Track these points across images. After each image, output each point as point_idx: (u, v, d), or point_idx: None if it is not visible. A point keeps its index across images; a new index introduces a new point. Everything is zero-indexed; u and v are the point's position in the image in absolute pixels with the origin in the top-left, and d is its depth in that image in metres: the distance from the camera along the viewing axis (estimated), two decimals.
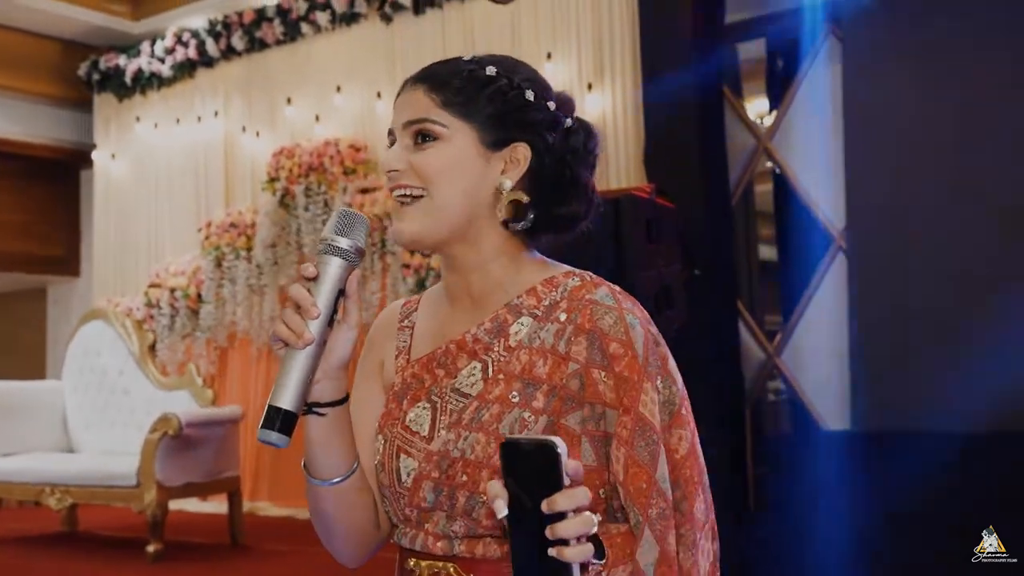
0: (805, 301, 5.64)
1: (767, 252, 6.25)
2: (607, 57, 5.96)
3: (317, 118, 7.20)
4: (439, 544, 1.32)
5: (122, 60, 8.20)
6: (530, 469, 1.12)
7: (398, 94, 1.43)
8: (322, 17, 7.09)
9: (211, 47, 7.66)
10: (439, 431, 1.35)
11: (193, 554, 5.38)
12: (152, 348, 6.27)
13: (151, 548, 5.13)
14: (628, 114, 5.85)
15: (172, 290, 7.61)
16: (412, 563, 1.36)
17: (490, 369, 1.35)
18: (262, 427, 1.22)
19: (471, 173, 1.36)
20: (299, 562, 5.17)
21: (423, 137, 1.36)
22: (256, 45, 7.48)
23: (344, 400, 1.35)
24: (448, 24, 6.61)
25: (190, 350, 7.57)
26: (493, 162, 1.37)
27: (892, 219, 5.04)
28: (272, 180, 7.20)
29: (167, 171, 8.06)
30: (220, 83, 7.77)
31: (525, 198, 1.36)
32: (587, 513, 1.11)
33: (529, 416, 1.29)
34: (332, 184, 6.92)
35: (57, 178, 8.94)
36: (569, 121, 1.42)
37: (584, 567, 1.16)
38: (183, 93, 7.99)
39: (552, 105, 1.41)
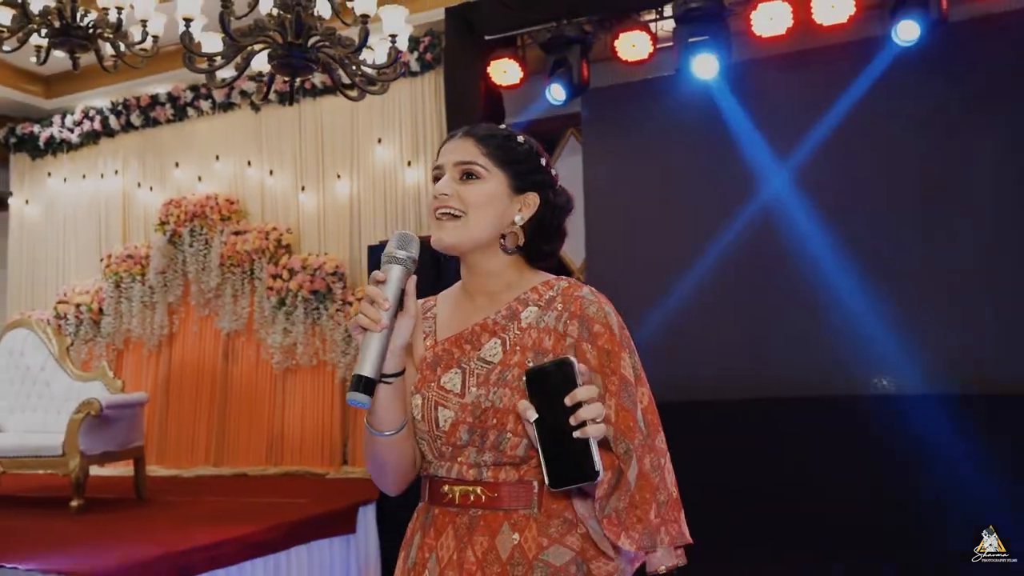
0: None
1: None
2: (421, 142, 6.14)
3: (199, 178, 7.04)
4: (471, 472, 1.32)
5: (36, 128, 7.69)
6: (552, 382, 1.17)
7: (446, 141, 1.44)
8: (204, 104, 6.98)
9: (113, 122, 7.34)
10: (470, 388, 1.33)
11: (108, 507, 5.16)
12: (68, 349, 5.96)
13: (74, 503, 4.92)
14: None
15: (77, 305, 7.25)
16: (447, 488, 1.35)
17: (508, 343, 1.35)
18: (352, 390, 1.22)
19: (499, 207, 1.38)
20: (193, 509, 5.09)
21: (468, 175, 1.37)
22: (150, 122, 7.23)
23: (403, 372, 1.34)
24: (303, 114, 6.61)
25: (91, 352, 7.23)
26: (514, 202, 1.40)
27: (618, 258, 5.50)
28: (163, 223, 7.01)
29: (73, 215, 7.62)
30: (120, 149, 7.44)
31: (522, 238, 1.40)
32: (599, 403, 1.18)
33: None
34: (212, 227, 6.80)
35: None
36: (559, 186, 1.47)
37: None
38: (88, 156, 7.58)
39: (554, 173, 1.47)
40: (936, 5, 4.62)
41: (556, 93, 5.35)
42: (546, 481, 1.19)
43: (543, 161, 1.44)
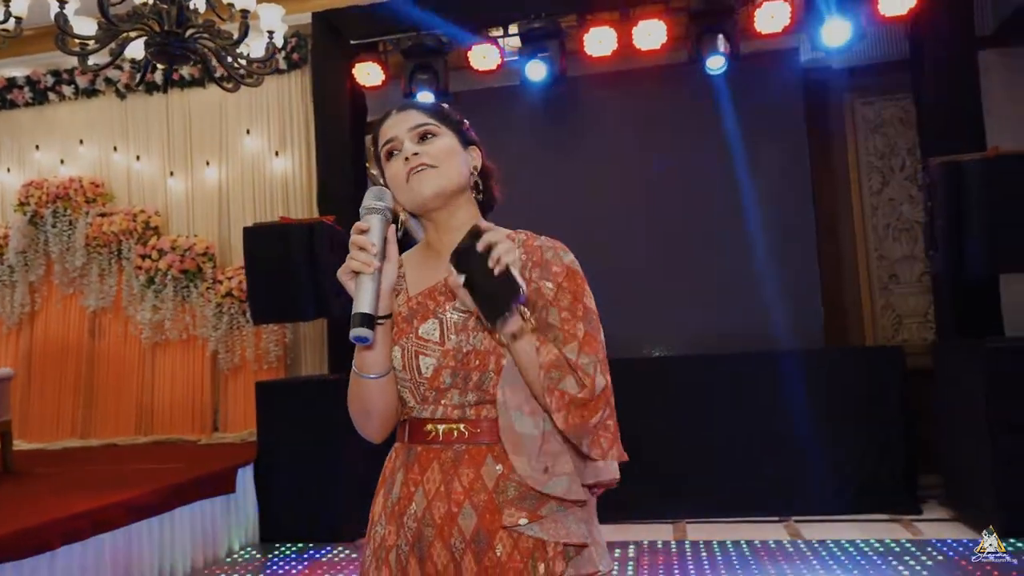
0: None
1: None
2: (288, 134, 5.81)
3: (62, 161, 6.26)
4: (455, 412, 1.24)
5: None
6: (470, 250, 1.11)
7: (386, 118, 1.33)
8: (67, 89, 6.21)
9: None
10: (449, 336, 1.24)
11: None
12: None
13: None
14: (304, 172, 5.74)
15: None
16: (430, 427, 1.25)
17: None
18: (355, 326, 1.13)
19: (460, 158, 1.30)
20: (68, 478, 4.53)
21: (426, 136, 1.28)
22: (7, 104, 6.35)
23: (391, 315, 1.25)
24: (171, 104, 6.04)
25: None
26: (466, 155, 1.32)
27: None
28: (23, 204, 6.19)
29: None
30: None
31: (481, 184, 1.34)
32: (507, 241, 1.10)
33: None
34: (76, 209, 6.08)
35: None
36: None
37: (517, 296, 1.09)
38: None
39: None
40: (734, 40, 4.90)
41: (424, 99, 5.22)
42: (485, 323, 1.14)
43: (468, 123, 1.37)
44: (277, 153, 5.81)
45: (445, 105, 1.37)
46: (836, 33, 4.75)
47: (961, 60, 4.65)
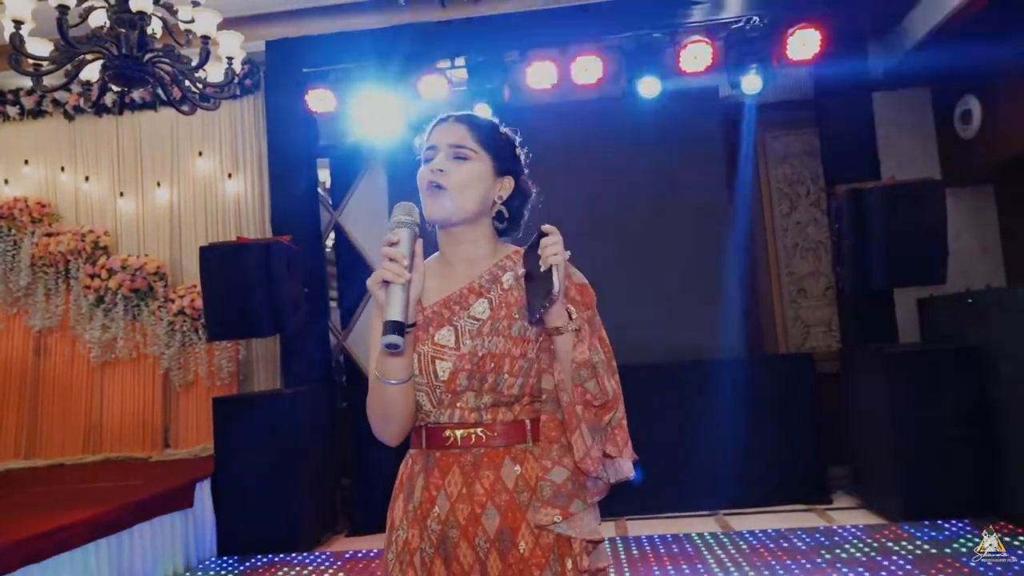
0: (360, 308, 5.78)
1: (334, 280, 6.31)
2: (241, 156, 5.72)
3: (6, 181, 5.97)
4: (471, 415, 1.26)
5: None
6: (530, 251, 1.19)
7: (437, 123, 1.36)
8: (12, 110, 5.93)
9: None
10: (464, 341, 1.26)
11: None
12: None
13: None
14: (257, 193, 5.66)
15: None
16: (448, 432, 1.27)
17: (494, 302, 1.30)
18: (388, 334, 1.14)
19: (485, 186, 1.33)
20: (13, 500, 4.29)
21: (460, 157, 1.31)
22: None
23: (415, 324, 1.26)
24: (121, 127, 5.85)
25: None
26: (495, 183, 1.35)
27: None
28: None
29: None
30: None
31: (507, 212, 1.37)
32: (558, 240, 1.16)
33: (526, 324, 1.27)
34: (21, 229, 5.79)
35: None
36: (526, 175, 1.41)
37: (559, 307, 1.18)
38: None
39: (523, 161, 1.41)
40: (673, 70, 5.13)
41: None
42: (528, 318, 1.22)
43: (518, 151, 1.40)
44: (230, 175, 5.71)
45: (501, 129, 1.39)
46: (751, 82, 5.08)
47: (858, 100, 5.05)
